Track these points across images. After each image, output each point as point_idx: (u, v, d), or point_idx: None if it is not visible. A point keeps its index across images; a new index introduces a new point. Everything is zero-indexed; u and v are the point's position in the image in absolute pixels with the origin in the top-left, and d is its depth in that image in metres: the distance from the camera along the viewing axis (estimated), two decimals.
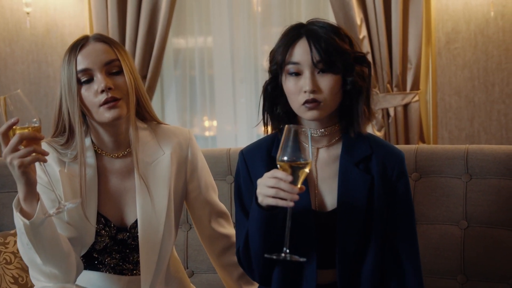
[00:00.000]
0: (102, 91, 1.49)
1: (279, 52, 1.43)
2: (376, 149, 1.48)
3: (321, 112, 1.41)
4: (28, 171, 1.35)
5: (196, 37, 3.59)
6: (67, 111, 1.53)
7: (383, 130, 3.35)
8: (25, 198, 1.38)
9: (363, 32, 3.27)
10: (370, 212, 1.44)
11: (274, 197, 1.29)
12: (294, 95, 1.42)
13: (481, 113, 3.35)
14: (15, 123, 1.33)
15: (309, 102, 1.39)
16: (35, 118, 1.36)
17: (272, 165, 1.36)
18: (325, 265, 1.45)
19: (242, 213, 1.49)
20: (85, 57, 1.50)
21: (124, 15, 3.39)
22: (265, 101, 1.49)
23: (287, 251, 1.31)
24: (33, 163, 1.36)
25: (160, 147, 1.62)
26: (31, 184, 1.37)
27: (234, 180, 1.56)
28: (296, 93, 1.41)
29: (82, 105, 1.52)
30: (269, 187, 1.29)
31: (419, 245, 1.51)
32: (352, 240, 1.43)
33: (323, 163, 1.49)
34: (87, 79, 1.51)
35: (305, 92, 1.39)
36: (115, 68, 1.53)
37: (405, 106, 3.34)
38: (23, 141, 1.34)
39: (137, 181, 1.57)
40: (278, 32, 1.50)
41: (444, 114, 3.39)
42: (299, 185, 1.29)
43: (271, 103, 1.49)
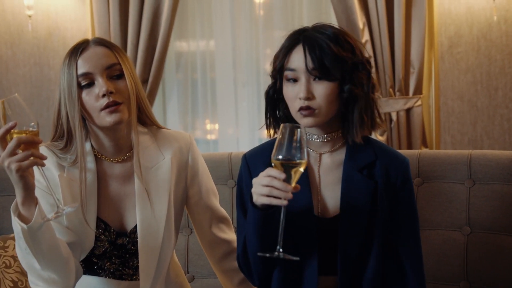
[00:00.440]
0: (104, 95, 1.48)
1: (279, 58, 1.43)
2: (381, 155, 1.47)
3: (316, 120, 1.40)
4: (26, 175, 1.34)
5: (198, 41, 3.59)
6: (66, 115, 1.52)
7: (386, 135, 3.34)
8: (23, 203, 1.37)
9: (366, 36, 3.26)
10: (373, 219, 1.43)
11: (268, 196, 1.28)
12: (291, 101, 1.42)
13: (484, 118, 3.34)
14: (13, 127, 1.33)
15: (304, 109, 1.39)
16: (33, 122, 1.35)
17: None
18: (326, 271, 1.44)
19: (244, 218, 1.48)
20: (86, 61, 1.49)
21: (126, 19, 3.39)
22: (268, 105, 1.50)
23: (281, 250, 1.30)
24: (31, 167, 1.35)
25: (161, 152, 1.61)
26: (29, 189, 1.36)
27: (237, 184, 1.55)
28: (293, 99, 1.41)
29: (83, 110, 1.51)
30: (263, 186, 1.29)
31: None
32: (354, 246, 1.42)
33: (327, 169, 1.48)
34: (88, 83, 1.50)
35: (300, 99, 1.39)
36: (116, 72, 1.52)
37: (408, 111, 3.33)
38: (21, 145, 1.33)
39: (137, 186, 1.56)
40: (280, 36, 1.50)
41: (447, 119, 3.37)
42: (293, 184, 1.29)
43: (273, 107, 1.49)
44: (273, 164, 1.30)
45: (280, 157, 1.28)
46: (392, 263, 1.46)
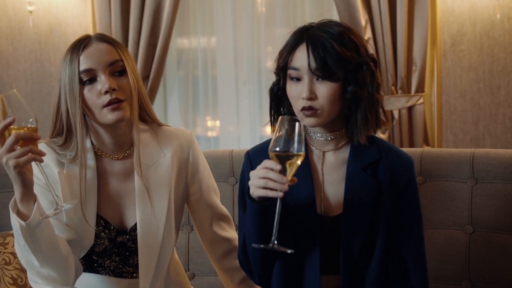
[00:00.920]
0: (106, 92, 1.47)
1: (283, 56, 1.42)
2: (385, 154, 1.45)
3: (319, 120, 1.39)
4: (24, 172, 1.33)
5: (200, 38, 3.58)
6: (66, 111, 1.50)
7: (387, 133, 3.33)
8: (22, 199, 1.36)
9: (368, 34, 3.25)
10: (376, 218, 1.42)
11: (264, 188, 1.28)
12: (294, 100, 1.41)
13: (486, 116, 3.32)
14: (11, 123, 1.31)
15: (306, 109, 1.38)
16: (32, 118, 1.34)
17: None
18: (328, 271, 1.43)
19: (245, 215, 1.47)
20: (89, 57, 1.48)
21: (127, 15, 3.37)
22: (272, 102, 1.49)
23: (275, 242, 1.29)
24: (29, 164, 1.34)
25: (161, 149, 1.60)
26: (27, 185, 1.35)
27: (239, 182, 1.53)
28: (296, 98, 1.40)
29: (84, 106, 1.50)
30: (260, 178, 1.28)
31: None
32: (357, 245, 1.41)
33: (330, 167, 1.47)
34: (90, 80, 1.48)
35: (303, 99, 1.38)
36: (119, 69, 1.50)
37: (410, 109, 3.32)
38: (19, 141, 1.32)
39: (137, 184, 1.55)
40: (282, 33, 1.49)
41: (449, 117, 3.36)
42: (290, 177, 1.28)
43: (278, 104, 1.48)
44: (270, 157, 1.30)
45: (277, 149, 1.27)
46: (395, 263, 1.44)
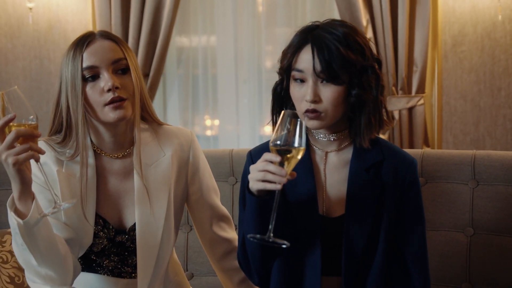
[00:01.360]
0: (109, 90, 1.45)
1: (287, 56, 1.41)
2: (388, 155, 1.44)
3: (322, 123, 1.39)
4: (23, 169, 1.32)
5: (200, 36, 3.57)
6: (67, 108, 1.49)
7: (387, 134, 3.32)
8: (20, 197, 1.35)
9: (369, 34, 3.24)
10: (379, 219, 1.41)
11: (263, 181, 1.27)
12: (298, 102, 1.40)
13: (487, 118, 3.31)
14: (12, 119, 1.30)
15: (310, 112, 1.37)
16: (32, 116, 1.33)
17: None
18: (330, 272, 1.42)
19: (245, 212, 1.46)
20: (92, 54, 1.47)
21: (128, 12, 3.36)
22: (274, 102, 1.48)
23: (271, 234, 1.28)
24: (28, 161, 1.33)
25: (161, 148, 1.58)
26: (26, 183, 1.34)
27: (241, 181, 1.52)
28: (299, 100, 1.39)
29: (85, 103, 1.48)
30: (259, 171, 1.28)
31: None
32: (359, 247, 1.40)
33: (333, 168, 1.46)
34: (92, 77, 1.47)
35: (307, 101, 1.37)
36: (122, 67, 1.49)
37: (410, 110, 3.31)
38: (19, 138, 1.30)
39: (137, 183, 1.54)
40: (283, 33, 1.47)
41: (449, 118, 3.35)
42: (289, 171, 1.27)
43: (280, 104, 1.47)
44: (271, 151, 1.29)
45: (278, 143, 1.27)
46: (397, 264, 1.44)
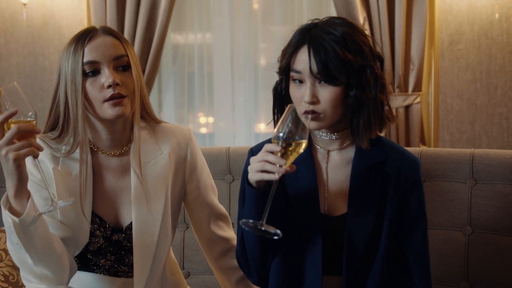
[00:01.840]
0: (109, 86, 1.43)
1: (285, 56, 1.40)
2: (391, 154, 1.43)
3: (321, 123, 1.37)
4: (23, 165, 1.31)
5: (196, 34, 3.55)
6: (64, 103, 1.47)
7: (384, 132, 3.31)
8: (15, 195, 1.33)
9: (366, 31, 3.22)
10: (381, 218, 1.40)
11: (262, 171, 1.26)
12: (297, 103, 1.39)
13: (483, 116, 3.31)
14: (14, 114, 1.29)
15: (308, 113, 1.36)
16: (31, 112, 1.32)
17: None
18: (330, 271, 1.41)
19: (244, 207, 1.44)
20: (94, 49, 1.45)
21: (123, 9, 3.33)
22: (275, 101, 1.46)
23: (264, 222, 1.27)
24: (27, 157, 1.31)
25: (158, 146, 1.57)
26: (23, 180, 1.32)
27: (241, 179, 1.50)
28: (298, 101, 1.38)
29: (84, 99, 1.46)
30: (258, 162, 1.27)
31: None
32: (361, 246, 1.39)
33: (335, 166, 1.44)
34: (93, 72, 1.45)
35: (305, 103, 1.36)
36: (123, 64, 1.47)
37: (407, 108, 3.31)
38: (19, 134, 1.29)
39: (133, 181, 1.52)
40: (279, 31, 1.46)
41: (446, 117, 3.35)
42: (289, 163, 1.26)
43: (281, 103, 1.46)
44: (272, 142, 1.29)
45: (280, 135, 1.26)
46: (398, 264, 1.43)
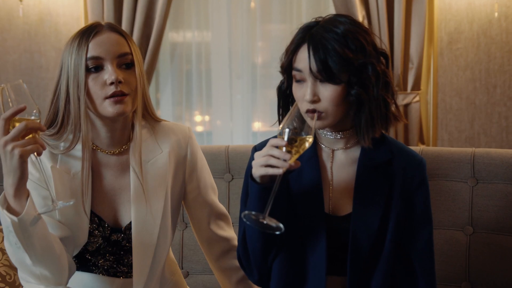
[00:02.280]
0: (112, 83, 1.42)
1: (287, 55, 1.39)
2: (397, 154, 1.42)
3: (324, 122, 1.36)
4: (27, 162, 1.29)
5: (194, 32, 3.52)
6: (65, 98, 1.45)
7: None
8: (15, 194, 1.30)
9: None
10: (386, 219, 1.39)
11: (266, 166, 1.24)
12: (299, 101, 1.37)
13: (482, 115, 3.30)
14: (23, 110, 1.27)
15: (310, 112, 1.34)
16: (35, 110, 1.31)
17: None
18: (334, 271, 1.39)
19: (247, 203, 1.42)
20: (98, 45, 1.43)
21: (121, 6, 3.30)
22: (280, 100, 1.45)
23: (266, 215, 1.26)
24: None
25: (158, 145, 1.55)
26: (25, 178, 1.30)
27: (244, 176, 1.48)
28: (301, 100, 1.36)
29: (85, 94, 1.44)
30: (263, 156, 1.25)
31: None
32: (365, 246, 1.37)
33: (340, 166, 1.43)
34: (96, 68, 1.43)
35: (307, 101, 1.34)
36: (127, 61, 1.46)
37: (406, 106, 3.29)
38: (25, 131, 1.28)
39: (133, 180, 1.50)
40: (277, 29, 1.44)
41: (445, 115, 3.34)
42: (294, 159, 1.25)
43: (286, 102, 1.44)
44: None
45: (286, 130, 1.25)
46: (403, 264, 1.41)
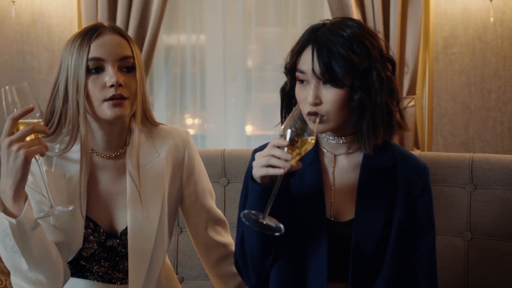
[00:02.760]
0: (112, 86, 1.39)
1: (291, 56, 1.37)
2: (400, 160, 1.40)
3: (325, 126, 1.34)
4: (30, 164, 1.27)
5: (189, 34, 3.50)
6: (63, 98, 1.42)
7: None
8: (14, 196, 1.28)
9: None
10: (389, 225, 1.37)
11: (267, 166, 1.22)
12: (302, 103, 1.35)
13: (477, 120, 3.30)
14: (31, 110, 1.26)
15: (312, 114, 1.32)
16: (38, 113, 1.30)
17: None
18: (335, 278, 1.37)
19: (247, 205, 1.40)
20: (100, 46, 1.41)
21: (115, 8, 3.27)
22: (283, 101, 1.44)
23: (266, 215, 1.24)
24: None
25: (155, 149, 1.52)
26: (25, 180, 1.28)
27: (244, 180, 1.46)
28: (303, 102, 1.35)
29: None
30: (264, 157, 1.24)
31: None
32: (368, 253, 1.35)
33: (342, 171, 1.41)
34: (96, 69, 1.41)
35: (309, 103, 1.33)
36: (128, 65, 1.43)
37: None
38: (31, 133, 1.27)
39: (129, 185, 1.47)
40: (272, 32, 1.43)
41: (439, 120, 3.33)
42: (295, 160, 1.23)
43: (289, 103, 1.43)
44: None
45: (288, 131, 1.23)
46: (405, 272, 1.39)
